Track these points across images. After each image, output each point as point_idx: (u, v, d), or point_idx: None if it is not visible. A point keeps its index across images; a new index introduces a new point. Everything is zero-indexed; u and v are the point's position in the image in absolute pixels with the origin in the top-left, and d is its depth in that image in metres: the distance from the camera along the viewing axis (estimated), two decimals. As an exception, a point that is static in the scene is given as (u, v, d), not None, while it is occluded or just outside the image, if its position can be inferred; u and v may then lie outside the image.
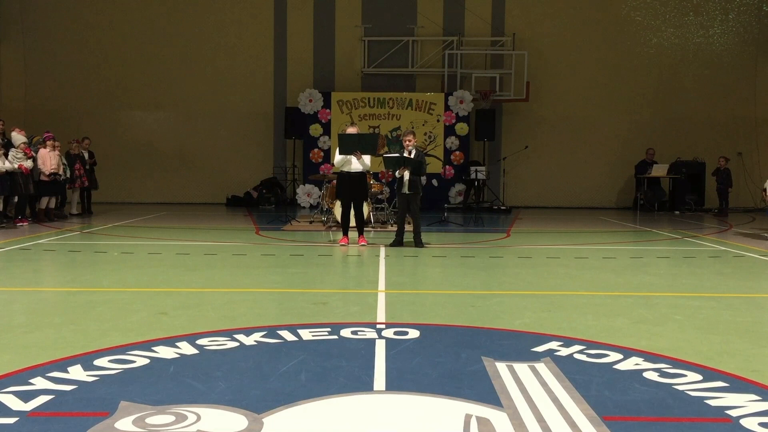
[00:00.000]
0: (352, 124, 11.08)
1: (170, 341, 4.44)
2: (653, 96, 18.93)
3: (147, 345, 4.34)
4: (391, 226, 12.07)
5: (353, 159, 9.47)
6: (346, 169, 9.57)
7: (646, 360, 4.11)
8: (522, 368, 3.90)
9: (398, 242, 9.51)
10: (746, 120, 18.74)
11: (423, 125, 17.62)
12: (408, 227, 9.79)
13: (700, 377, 3.79)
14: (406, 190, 9.49)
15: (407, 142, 9.55)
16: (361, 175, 9.68)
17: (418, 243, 9.47)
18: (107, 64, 18.67)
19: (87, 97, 18.67)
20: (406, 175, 9.42)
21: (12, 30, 18.71)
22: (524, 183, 18.81)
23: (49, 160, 12.91)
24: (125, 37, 18.64)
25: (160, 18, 18.67)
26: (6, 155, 11.96)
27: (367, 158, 9.55)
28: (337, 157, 9.54)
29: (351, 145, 9.42)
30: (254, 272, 7.57)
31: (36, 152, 12.83)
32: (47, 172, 12.82)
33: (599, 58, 18.81)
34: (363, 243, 9.67)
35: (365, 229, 10.27)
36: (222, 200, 18.55)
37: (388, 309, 5.55)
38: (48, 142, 13.07)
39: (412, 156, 9.45)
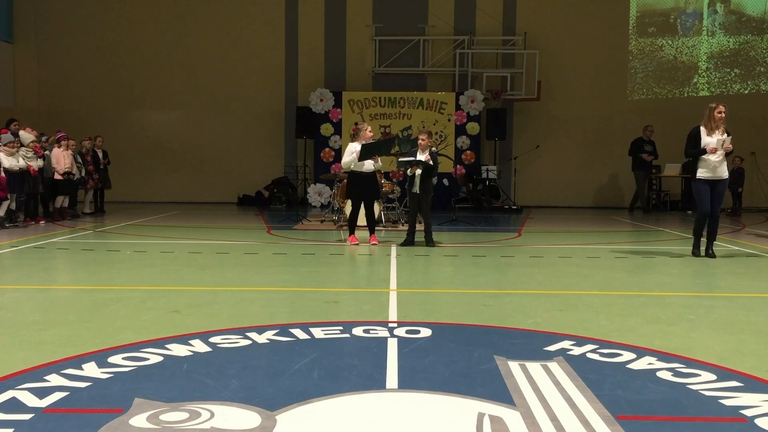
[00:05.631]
0: (363, 121, 11.04)
1: (183, 339, 4.46)
2: (665, 95, 18.83)
3: (160, 343, 4.36)
4: (402, 225, 12.07)
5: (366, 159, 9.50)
6: (356, 168, 9.61)
7: (659, 359, 4.09)
8: (534, 367, 3.89)
9: (409, 242, 9.51)
10: (760, 119, 18.59)
11: (434, 124, 17.58)
12: (419, 226, 9.79)
13: (714, 377, 3.77)
14: (417, 189, 9.48)
15: (421, 141, 9.54)
16: (372, 175, 9.70)
17: (429, 242, 9.47)
18: (120, 63, 18.76)
19: (100, 96, 18.76)
20: (418, 173, 9.41)
21: (26, 30, 18.82)
22: (535, 182, 18.75)
23: (62, 159, 12.99)
24: (137, 37, 18.72)
25: (172, 18, 18.74)
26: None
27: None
28: (346, 158, 9.54)
29: (371, 152, 9.44)
30: (266, 271, 7.59)
31: (49, 151, 12.91)
32: (61, 171, 12.91)
33: (611, 58, 18.72)
34: (374, 242, 9.68)
35: (376, 228, 10.28)
36: (233, 199, 18.60)
37: (400, 308, 5.55)
38: (62, 142, 13.15)
39: (426, 154, 9.44)
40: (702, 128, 8.61)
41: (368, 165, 9.53)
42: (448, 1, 18.63)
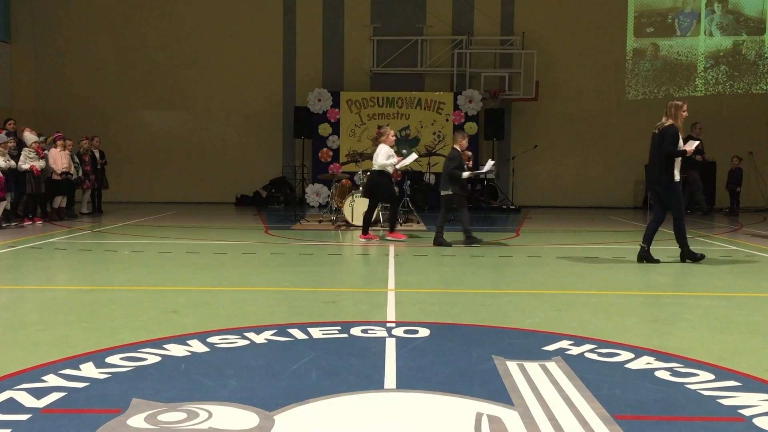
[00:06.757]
0: (386, 126, 11.32)
1: (181, 339, 4.45)
2: (663, 95, 18.84)
3: (158, 343, 4.35)
4: (400, 225, 12.07)
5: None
6: (385, 169, 10.01)
7: (657, 359, 4.09)
8: (533, 367, 3.89)
9: (444, 241, 9.58)
10: (758, 119, 18.62)
11: (432, 124, 17.60)
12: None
13: (712, 376, 3.77)
14: (449, 191, 9.57)
15: (464, 142, 9.76)
16: None
17: (470, 240, 9.60)
18: (117, 64, 18.73)
19: (97, 96, 18.74)
20: (465, 175, 9.65)
21: (23, 30, 18.81)
22: (533, 182, 18.76)
23: (60, 159, 12.98)
24: (135, 37, 18.71)
25: (169, 18, 18.72)
26: (18, 154, 12.05)
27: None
28: (386, 161, 9.92)
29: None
30: (264, 271, 7.59)
31: (47, 152, 12.90)
32: (59, 171, 12.89)
33: (609, 58, 18.73)
34: (374, 238, 10.05)
35: (374, 228, 10.41)
36: (231, 200, 18.58)
37: (398, 308, 5.55)
38: (58, 142, 13.14)
39: (454, 157, 9.63)
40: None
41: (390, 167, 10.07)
42: (446, 1, 18.64)
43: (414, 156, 10.58)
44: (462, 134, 10.00)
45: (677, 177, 7.99)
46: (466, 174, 9.63)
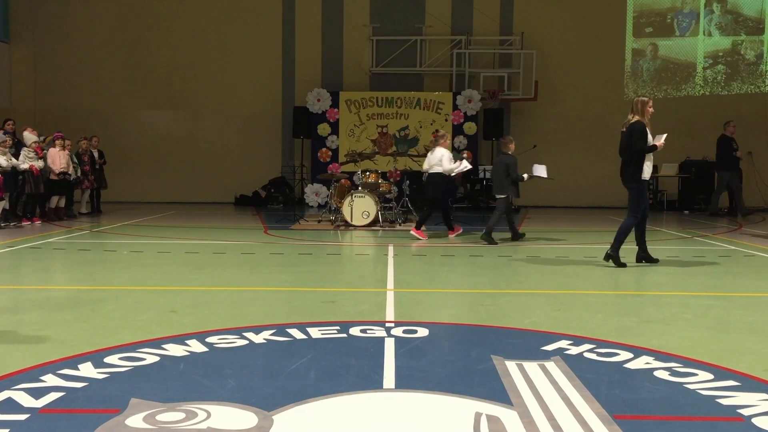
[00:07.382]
0: (442, 129, 11.76)
1: (180, 339, 4.45)
2: (663, 95, 18.85)
3: (157, 343, 4.35)
4: (399, 225, 12.07)
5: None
6: (444, 172, 10.52)
7: (656, 359, 4.09)
8: (532, 367, 3.89)
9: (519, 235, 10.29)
10: (757, 119, 18.62)
11: (431, 124, 17.58)
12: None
13: (711, 376, 3.77)
14: (506, 194, 10.30)
15: (512, 146, 10.42)
16: None
17: (489, 240, 9.92)
18: (117, 64, 18.72)
19: (96, 96, 18.73)
20: (525, 176, 10.45)
21: (22, 30, 18.79)
22: (532, 182, 18.54)
23: (58, 159, 12.97)
24: (134, 38, 18.69)
25: (168, 18, 18.72)
26: (18, 154, 12.04)
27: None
28: (451, 164, 10.47)
29: None
30: (263, 271, 7.58)
31: (47, 151, 12.89)
32: (57, 171, 12.88)
33: (608, 57, 18.72)
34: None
35: (374, 228, 10.42)
36: (230, 199, 18.57)
37: (397, 307, 5.55)
38: (57, 142, 13.13)
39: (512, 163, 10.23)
40: None
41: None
42: (445, 1, 18.63)
43: (468, 166, 11.02)
44: (510, 138, 10.65)
45: (646, 175, 7.78)
46: (525, 176, 10.38)
